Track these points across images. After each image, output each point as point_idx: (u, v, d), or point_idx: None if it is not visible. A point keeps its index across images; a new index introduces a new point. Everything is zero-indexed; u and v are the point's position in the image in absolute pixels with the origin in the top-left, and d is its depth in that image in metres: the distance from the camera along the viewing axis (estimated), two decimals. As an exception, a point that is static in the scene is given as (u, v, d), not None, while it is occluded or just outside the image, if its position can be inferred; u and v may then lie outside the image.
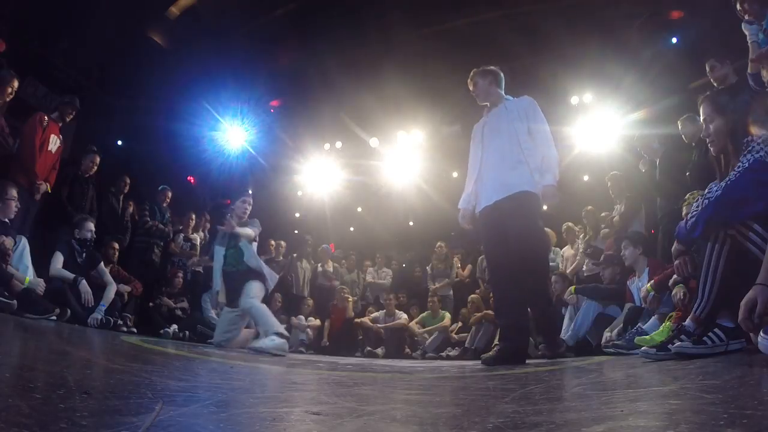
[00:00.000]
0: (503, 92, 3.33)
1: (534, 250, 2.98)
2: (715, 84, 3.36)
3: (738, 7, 2.93)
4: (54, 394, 0.94)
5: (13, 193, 3.79)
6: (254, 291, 3.85)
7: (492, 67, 3.39)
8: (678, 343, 1.98)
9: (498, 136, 3.17)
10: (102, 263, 4.45)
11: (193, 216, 6.31)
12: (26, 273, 3.63)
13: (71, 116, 4.68)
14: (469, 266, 6.84)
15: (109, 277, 4.42)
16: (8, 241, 3.50)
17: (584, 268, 5.09)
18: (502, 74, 3.38)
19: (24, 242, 3.76)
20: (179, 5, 6.02)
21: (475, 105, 3.54)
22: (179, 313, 5.38)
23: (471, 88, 3.38)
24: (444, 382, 2.13)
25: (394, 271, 7.60)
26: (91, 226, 4.40)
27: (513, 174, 3.02)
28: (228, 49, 6.38)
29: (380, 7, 5.89)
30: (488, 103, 3.35)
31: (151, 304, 5.30)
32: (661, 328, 2.67)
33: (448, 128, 7.41)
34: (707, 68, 3.37)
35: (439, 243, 6.97)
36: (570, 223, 5.69)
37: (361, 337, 6.28)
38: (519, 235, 2.91)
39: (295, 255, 7.23)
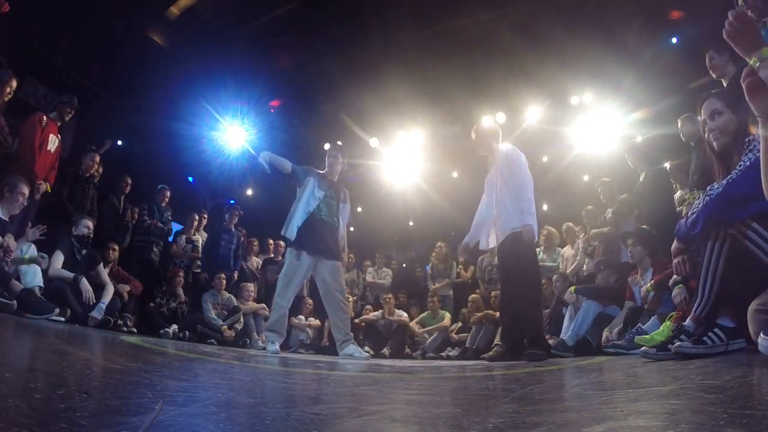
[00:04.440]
0: (499, 145, 3.93)
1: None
2: (713, 75, 3.35)
3: (740, 2, 2.91)
4: (54, 394, 0.94)
5: (24, 189, 3.78)
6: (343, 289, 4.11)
7: (489, 123, 4.09)
8: (678, 343, 1.98)
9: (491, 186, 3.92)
10: (101, 264, 4.45)
11: (196, 217, 6.31)
12: (33, 280, 3.62)
13: (70, 116, 4.68)
14: (472, 267, 6.84)
15: (106, 278, 4.41)
16: (11, 241, 3.48)
17: (584, 268, 5.09)
18: (497, 128, 4.06)
19: (33, 249, 3.76)
20: (179, 5, 6.01)
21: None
22: (179, 313, 5.38)
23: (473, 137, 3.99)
24: (444, 382, 2.13)
25: (394, 271, 7.60)
26: (88, 222, 4.39)
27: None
28: (228, 49, 6.38)
29: (380, 7, 5.89)
30: (487, 156, 3.97)
31: (151, 304, 5.30)
32: (661, 328, 2.67)
33: (448, 128, 7.41)
34: (707, 59, 3.35)
35: (439, 243, 6.97)
36: (570, 223, 5.69)
37: (361, 337, 6.28)
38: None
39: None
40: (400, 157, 7.84)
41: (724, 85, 3.21)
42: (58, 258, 4.05)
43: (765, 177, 1.45)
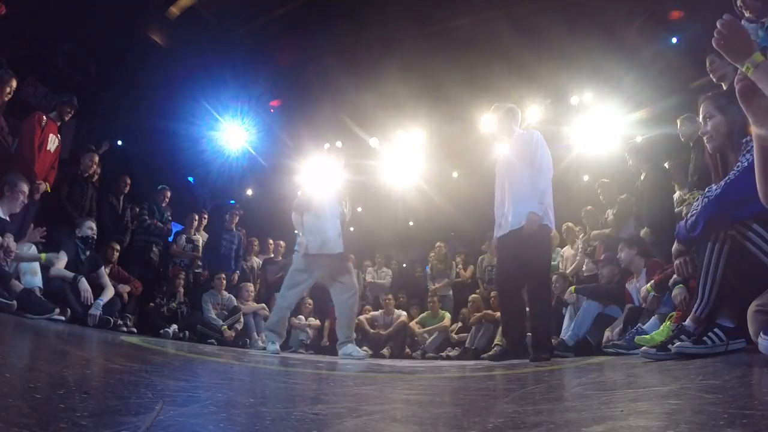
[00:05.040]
0: (518, 128, 3.83)
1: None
2: (714, 79, 3.35)
3: (738, 3, 2.91)
4: (54, 394, 0.94)
5: (24, 188, 3.76)
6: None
7: (509, 104, 3.88)
8: (678, 343, 1.98)
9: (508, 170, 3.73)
10: (102, 267, 4.45)
11: (196, 217, 6.31)
12: (33, 280, 3.61)
13: (69, 115, 4.68)
14: (471, 267, 6.83)
15: (107, 281, 4.40)
16: (11, 241, 3.47)
17: (584, 268, 5.09)
18: (518, 110, 3.92)
19: (33, 250, 3.76)
20: (179, 5, 6.01)
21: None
22: (179, 313, 5.38)
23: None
24: (444, 382, 2.13)
25: (394, 271, 7.59)
26: (91, 224, 4.42)
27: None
28: (228, 48, 6.38)
29: (380, 6, 5.89)
30: (505, 138, 3.86)
31: (151, 304, 5.30)
32: (661, 328, 2.66)
33: (449, 127, 7.40)
34: (707, 63, 3.35)
35: (438, 243, 6.96)
36: (570, 223, 5.69)
37: (359, 337, 6.28)
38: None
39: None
40: (400, 157, 7.83)
41: (724, 87, 3.21)
42: (62, 258, 4.05)
43: (759, 180, 1.45)
